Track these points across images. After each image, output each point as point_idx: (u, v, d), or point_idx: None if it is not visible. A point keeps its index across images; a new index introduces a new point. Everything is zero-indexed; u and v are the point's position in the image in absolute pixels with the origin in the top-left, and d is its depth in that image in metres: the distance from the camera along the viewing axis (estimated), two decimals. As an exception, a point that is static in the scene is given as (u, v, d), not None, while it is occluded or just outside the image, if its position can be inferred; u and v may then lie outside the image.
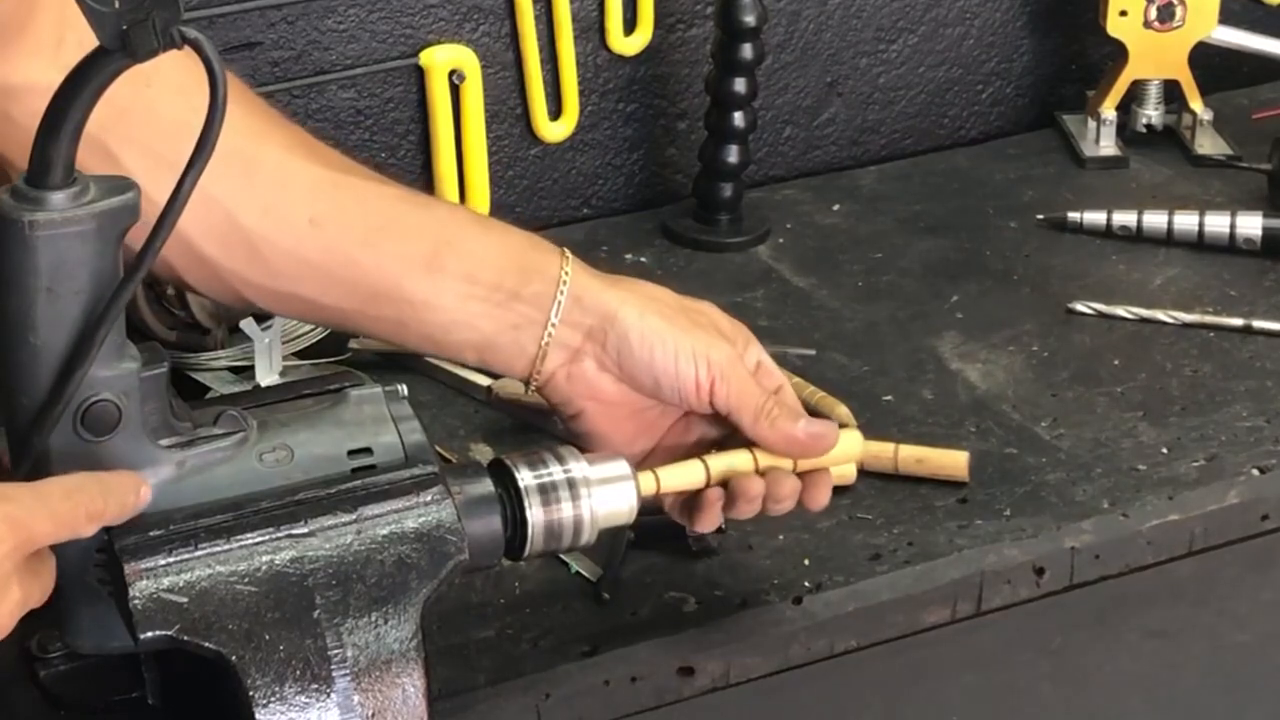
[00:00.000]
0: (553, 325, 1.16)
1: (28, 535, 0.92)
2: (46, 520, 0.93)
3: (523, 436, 1.42)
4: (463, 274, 1.14)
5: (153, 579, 0.97)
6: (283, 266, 1.14)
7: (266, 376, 1.46)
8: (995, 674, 1.36)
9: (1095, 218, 1.72)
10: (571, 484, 1.08)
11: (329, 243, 1.14)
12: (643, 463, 1.18)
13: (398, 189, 1.19)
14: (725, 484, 1.17)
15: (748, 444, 1.18)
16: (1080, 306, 1.60)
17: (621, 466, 1.11)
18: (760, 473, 1.17)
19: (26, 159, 0.94)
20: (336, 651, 0.98)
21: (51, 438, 0.96)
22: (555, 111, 1.75)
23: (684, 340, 1.16)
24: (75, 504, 0.94)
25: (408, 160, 1.70)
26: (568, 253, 1.18)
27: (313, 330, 1.52)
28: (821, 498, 1.19)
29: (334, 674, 0.97)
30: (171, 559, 0.98)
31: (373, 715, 0.98)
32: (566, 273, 1.16)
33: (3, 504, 0.91)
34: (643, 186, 1.82)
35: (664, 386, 1.17)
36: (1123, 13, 1.84)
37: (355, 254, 1.14)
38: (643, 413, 1.19)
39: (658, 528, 1.28)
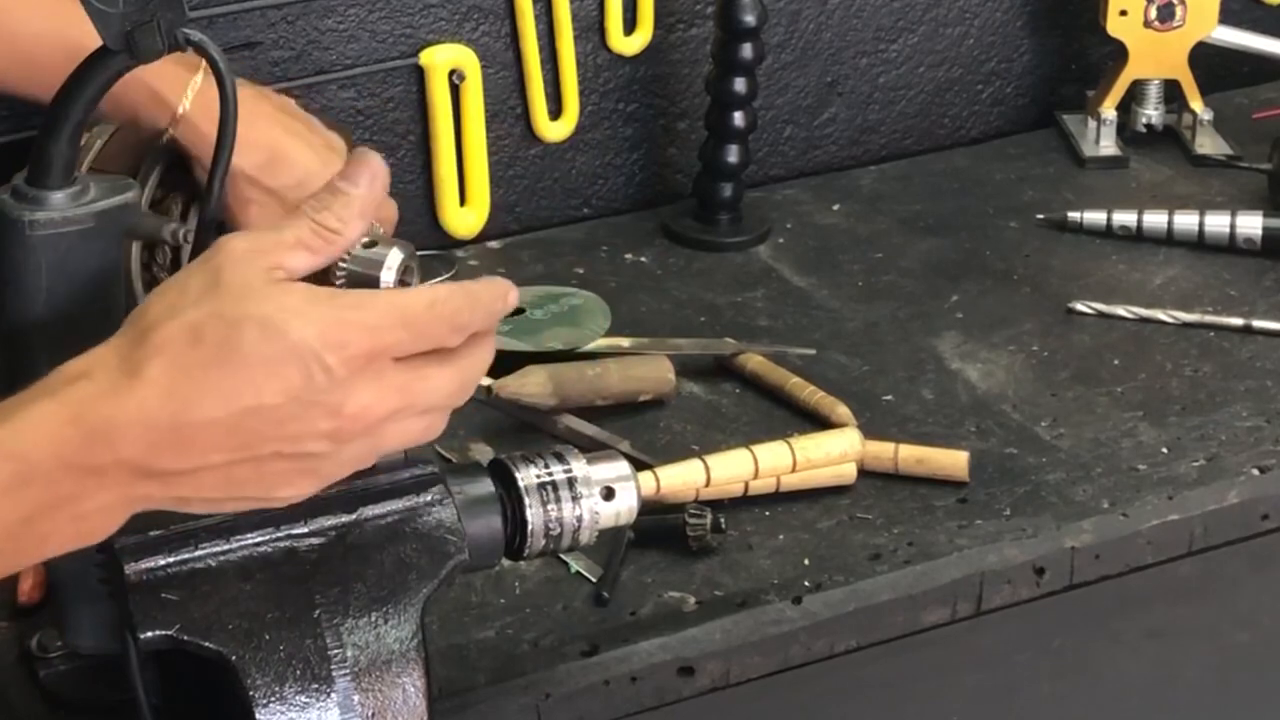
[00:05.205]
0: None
1: (378, 343, 0.87)
2: (400, 328, 0.88)
3: (523, 436, 1.42)
4: None
5: (152, 579, 0.97)
6: None
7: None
8: (995, 674, 1.36)
9: (1095, 218, 1.72)
10: (571, 484, 1.08)
11: None
12: None
13: None
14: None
15: (747, 446, 1.18)
16: (1080, 306, 1.60)
17: (622, 467, 1.11)
18: (761, 472, 1.17)
19: None
20: (336, 651, 0.98)
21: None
22: (555, 111, 1.75)
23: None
24: (437, 314, 0.89)
25: (408, 160, 1.70)
26: None
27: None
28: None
29: (334, 674, 0.97)
30: (171, 559, 0.97)
31: (373, 715, 0.98)
32: None
33: (354, 310, 0.87)
34: (643, 186, 1.81)
35: None
36: (1123, 12, 1.84)
37: None
38: None
39: (658, 528, 1.28)
